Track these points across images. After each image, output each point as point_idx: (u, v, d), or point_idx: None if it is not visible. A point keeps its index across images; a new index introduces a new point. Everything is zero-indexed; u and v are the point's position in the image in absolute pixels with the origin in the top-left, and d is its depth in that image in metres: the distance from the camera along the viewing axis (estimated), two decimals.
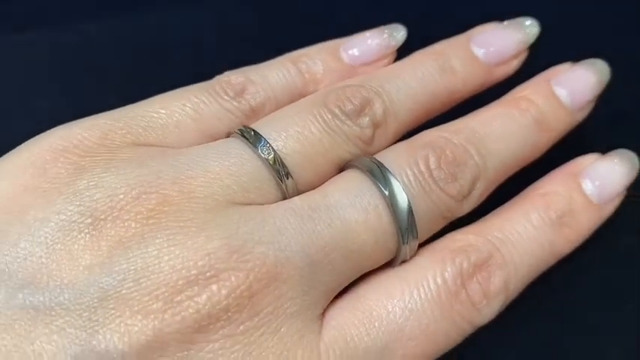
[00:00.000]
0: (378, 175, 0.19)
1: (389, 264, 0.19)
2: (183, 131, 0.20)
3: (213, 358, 0.16)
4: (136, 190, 0.17)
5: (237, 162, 0.19)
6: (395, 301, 0.18)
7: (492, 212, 0.21)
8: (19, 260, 0.16)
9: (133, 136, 0.19)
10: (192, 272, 0.16)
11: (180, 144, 0.20)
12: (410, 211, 0.19)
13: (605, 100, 0.23)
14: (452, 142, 0.20)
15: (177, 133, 0.20)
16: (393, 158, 0.19)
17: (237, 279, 0.16)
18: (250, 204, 0.18)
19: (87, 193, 0.17)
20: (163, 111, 0.20)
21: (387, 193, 0.18)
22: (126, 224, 0.17)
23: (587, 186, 0.21)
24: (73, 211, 0.17)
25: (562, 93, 0.22)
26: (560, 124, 0.22)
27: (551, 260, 0.21)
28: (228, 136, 0.20)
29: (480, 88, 0.23)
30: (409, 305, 0.18)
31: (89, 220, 0.17)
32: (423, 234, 0.19)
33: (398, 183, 0.19)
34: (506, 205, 0.21)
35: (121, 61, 0.28)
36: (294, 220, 0.18)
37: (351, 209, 0.18)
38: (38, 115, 0.26)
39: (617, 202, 0.22)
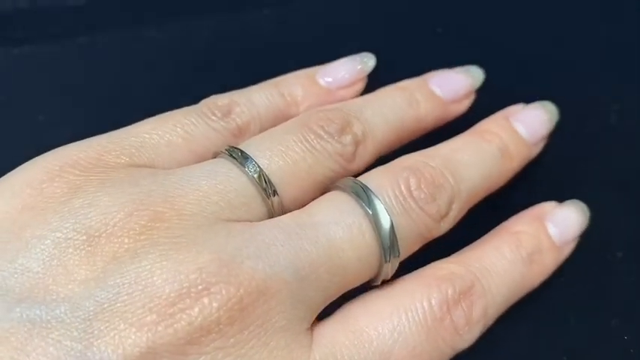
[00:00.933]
0: (362, 195, 0.19)
1: (371, 281, 0.20)
2: (174, 151, 0.21)
3: None
4: (128, 208, 0.18)
5: (224, 180, 0.19)
6: (385, 323, 0.19)
7: (468, 246, 0.22)
8: (16, 276, 0.17)
9: (127, 157, 0.20)
10: (185, 285, 0.16)
11: (171, 163, 0.20)
12: (392, 230, 0.19)
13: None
14: (429, 165, 0.21)
15: (169, 153, 0.20)
16: (375, 180, 0.20)
17: (227, 292, 0.17)
18: (238, 220, 0.19)
19: (82, 212, 0.17)
20: (155, 132, 0.21)
21: (370, 212, 0.19)
22: (119, 240, 0.17)
23: (551, 229, 0.23)
24: (69, 228, 0.17)
25: (520, 128, 0.24)
26: (520, 154, 0.24)
27: (522, 292, 0.22)
28: (215, 156, 0.21)
29: (441, 122, 0.25)
30: (398, 328, 0.19)
31: (84, 237, 0.17)
32: (404, 253, 0.20)
33: (380, 203, 0.19)
34: (481, 241, 0.22)
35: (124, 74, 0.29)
36: (282, 237, 0.18)
37: (336, 227, 0.19)
38: (38, 128, 0.26)
39: (572, 246, 0.23)
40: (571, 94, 0.27)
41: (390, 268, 0.20)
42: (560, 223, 0.23)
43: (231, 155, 0.20)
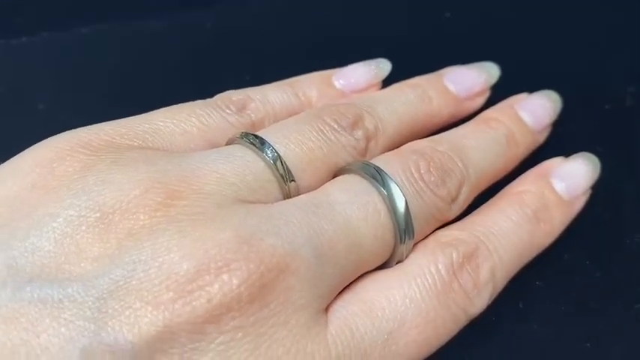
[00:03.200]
0: (376, 177, 0.19)
1: (385, 264, 0.19)
2: (188, 139, 0.20)
3: (224, 350, 0.15)
4: (144, 185, 0.17)
5: (242, 164, 0.18)
6: (395, 291, 0.18)
7: (472, 212, 0.21)
8: (26, 255, 0.15)
9: (140, 141, 0.19)
10: (204, 262, 0.15)
11: (186, 150, 0.19)
12: (407, 211, 0.19)
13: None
14: (438, 150, 0.20)
15: (184, 142, 0.20)
16: (386, 163, 0.20)
17: (248, 269, 0.16)
18: (255, 202, 0.18)
19: (95, 189, 0.16)
20: (169, 121, 0.20)
21: (385, 193, 0.18)
22: (134, 216, 0.16)
23: (557, 184, 0.22)
24: (82, 206, 0.16)
25: (525, 115, 0.24)
26: (526, 141, 0.23)
27: (532, 252, 0.21)
28: (230, 143, 0.20)
29: (453, 119, 0.24)
30: (409, 294, 0.18)
31: (97, 215, 0.16)
32: (418, 235, 0.19)
33: (395, 184, 0.19)
34: (485, 205, 0.22)
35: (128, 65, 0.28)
36: (299, 215, 0.17)
37: (351, 206, 0.18)
38: (39, 118, 0.25)
39: (584, 198, 0.22)
40: (577, 82, 0.26)
41: (404, 249, 0.19)
42: (567, 176, 0.22)
43: (248, 141, 0.19)
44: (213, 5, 0.29)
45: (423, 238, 0.20)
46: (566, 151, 0.23)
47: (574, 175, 0.22)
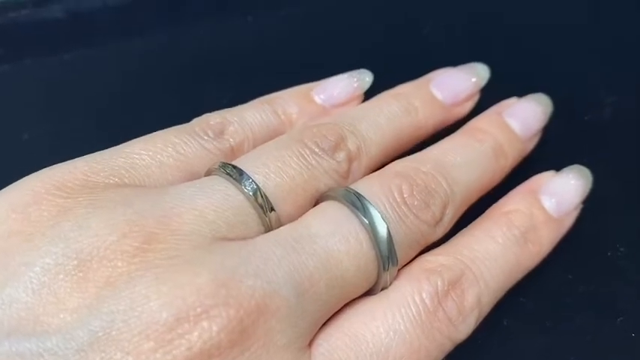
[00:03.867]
0: (357, 204, 0.18)
1: (370, 292, 0.19)
2: (165, 171, 0.19)
3: None
4: (121, 230, 0.16)
5: (220, 198, 0.18)
6: (379, 322, 0.18)
7: (459, 233, 0.21)
8: (3, 307, 0.15)
9: (117, 178, 0.18)
10: (182, 309, 0.15)
11: (163, 184, 0.19)
12: (390, 238, 0.18)
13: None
14: (421, 170, 0.20)
15: (160, 173, 0.19)
16: (368, 188, 0.19)
17: (227, 314, 0.15)
18: (235, 239, 0.17)
19: (71, 235, 0.16)
20: (145, 153, 0.19)
21: (366, 221, 0.18)
22: (112, 264, 0.16)
23: (546, 202, 0.21)
24: (58, 253, 0.16)
25: (514, 123, 0.23)
26: (514, 151, 0.22)
27: (519, 274, 0.21)
28: (209, 173, 0.19)
29: (441, 126, 0.23)
30: (393, 326, 0.18)
31: (75, 262, 0.16)
32: (402, 260, 0.19)
33: (376, 211, 0.18)
34: (472, 226, 0.21)
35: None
36: (279, 252, 0.17)
37: (333, 238, 0.18)
38: (23, 149, 0.25)
39: (574, 214, 0.22)
40: (565, 88, 0.25)
41: (388, 277, 0.19)
42: (557, 193, 0.21)
43: (226, 172, 0.19)
44: (194, 25, 0.29)
45: (408, 262, 0.20)
46: (549, 163, 0.22)
47: (565, 191, 0.22)
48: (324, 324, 0.18)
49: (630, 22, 0.29)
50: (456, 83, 0.23)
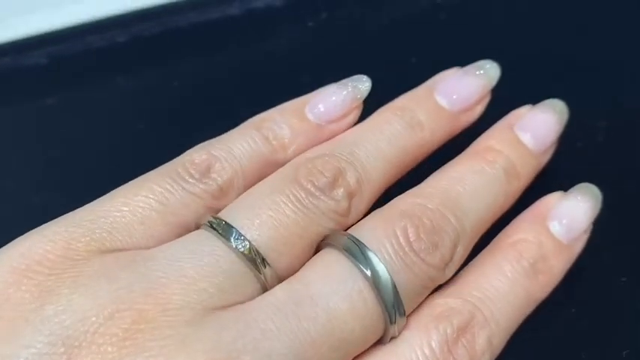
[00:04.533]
0: (358, 254, 0.17)
1: (378, 341, 0.18)
2: (149, 227, 0.18)
3: None
4: (108, 310, 0.15)
5: (211, 261, 0.17)
6: None
7: (465, 268, 0.20)
8: None
9: (98, 243, 0.17)
10: None
11: (148, 241, 0.18)
12: (395, 290, 0.17)
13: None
14: (428, 208, 0.18)
15: (144, 230, 0.18)
16: (370, 233, 0.18)
17: None
18: (230, 305, 0.16)
19: (56, 320, 0.15)
20: (126, 208, 0.18)
21: (369, 274, 0.17)
22: (102, 349, 0.15)
23: (555, 228, 0.20)
24: (43, 342, 0.15)
25: (526, 138, 0.21)
26: (528, 169, 0.21)
27: (530, 308, 0.19)
28: (197, 227, 0.18)
29: (448, 137, 0.21)
30: None
31: (62, 350, 0.15)
32: (409, 309, 0.18)
33: (380, 262, 0.17)
34: (479, 259, 0.20)
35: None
36: (278, 319, 0.16)
37: (335, 297, 0.16)
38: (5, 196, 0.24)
39: (585, 238, 0.20)
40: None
41: (396, 329, 0.17)
42: (566, 216, 0.20)
43: (214, 229, 0.17)
44: (179, 61, 0.28)
45: (418, 305, 0.18)
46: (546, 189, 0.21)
47: (574, 215, 0.20)
48: None
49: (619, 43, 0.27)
50: (464, 87, 0.21)
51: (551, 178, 0.22)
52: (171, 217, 0.18)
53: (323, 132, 0.21)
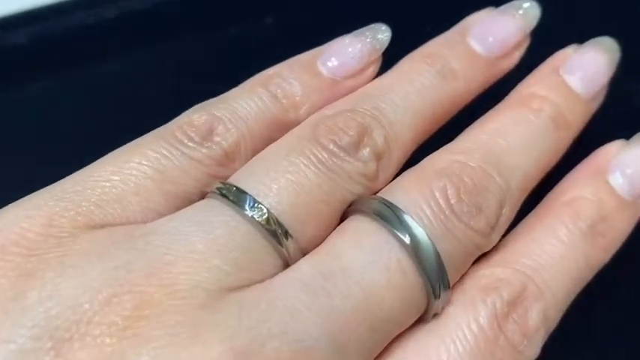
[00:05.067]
0: (393, 219, 0.15)
1: (420, 319, 0.15)
2: (144, 198, 0.15)
3: None
4: (103, 294, 0.12)
5: (223, 233, 0.14)
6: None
7: (513, 232, 0.17)
8: None
9: (85, 217, 0.14)
10: None
11: (145, 215, 0.15)
12: (438, 259, 0.15)
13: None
14: (468, 165, 0.16)
15: (138, 202, 0.15)
16: (404, 195, 0.15)
17: None
18: (248, 284, 0.14)
19: (40, 309, 0.12)
20: (116, 177, 0.15)
21: (407, 241, 0.14)
22: (98, 341, 0.12)
23: (617, 181, 0.17)
24: (26, 335, 0.12)
25: (574, 82, 0.18)
26: (577, 117, 0.18)
27: (589, 275, 0.17)
28: (203, 196, 0.15)
29: (484, 87, 0.19)
30: None
31: (49, 344, 0.12)
32: (452, 281, 0.15)
33: (418, 226, 0.15)
34: (527, 223, 0.17)
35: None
36: (307, 298, 0.13)
37: (370, 270, 0.14)
38: None
39: None
40: None
41: (440, 304, 0.15)
42: (630, 168, 0.17)
43: (225, 196, 0.15)
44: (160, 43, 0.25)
45: (460, 278, 0.16)
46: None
47: (638, 165, 0.17)
48: None
49: None
50: (500, 29, 0.19)
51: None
52: (169, 185, 0.15)
53: (339, 88, 0.18)
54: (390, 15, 0.19)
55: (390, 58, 0.19)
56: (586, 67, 0.19)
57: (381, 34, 0.19)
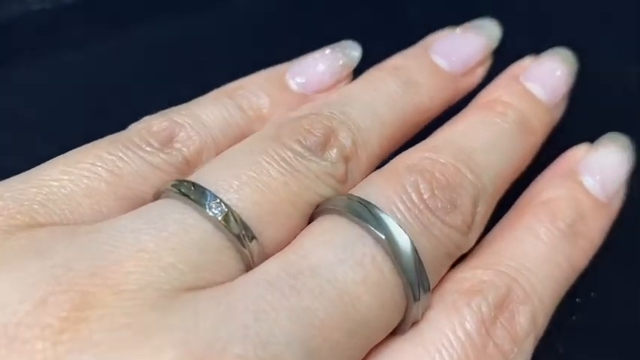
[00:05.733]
0: (367, 215, 0.13)
1: (397, 329, 0.14)
2: (97, 201, 0.14)
3: None
4: (38, 293, 0.11)
5: (178, 230, 0.13)
6: None
7: (490, 233, 0.16)
8: None
9: (26, 217, 0.13)
10: None
11: (96, 218, 0.14)
12: (416, 255, 0.13)
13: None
14: (439, 162, 0.15)
15: (89, 205, 0.14)
16: (376, 191, 0.14)
17: None
18: (206, 286, 0.12)
19: None
20: (66, 177, 0.14)
21: (383, 237, 0.13)
22: (29, 347, 0.10)
23: (589, 182, 0.17)
24: None
25: (536, 89, 0.18)
26: (543, 124, 0.18)
27: (572, 279, 0.16)
28: (158, 196, 0.14)
29: (448, 104, 0.18)
30: None
31: None
32: (432, 283, 0.14)
33: (393, 221, 0.13)
34: (504, 223, 0.17)
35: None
36: (273, 298, 0.12)
37: (342, 267, 0.13)
38: None
39: (622, 195, 0.17)
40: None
41: (420, 308, 0.14)
42: (600, 169, 0.17)
43: (181, 192, 0.13)
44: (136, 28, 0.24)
45: (438, 283, 0.15)
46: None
47: (607, 167, 0.17)
48: None
49: None
50: (463, 47, 0.19)
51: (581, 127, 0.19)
52: (124, 190, 0.14)
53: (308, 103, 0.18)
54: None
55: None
56: (546, 76, 0.18)
57: (352, 51, 0.18)
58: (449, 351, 0.13)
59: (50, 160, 0.14)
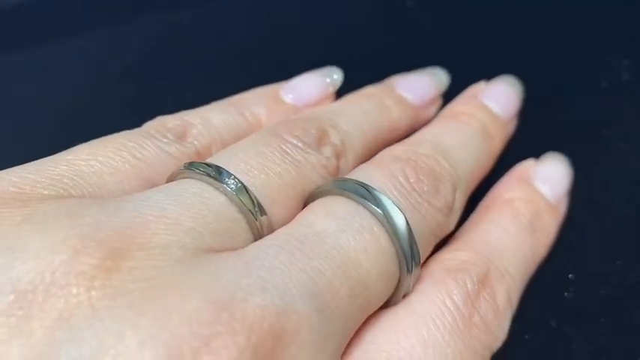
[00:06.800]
0: (364, 194, 0.15)
1: (389, 302, 0.15)
2: (120, 180, 0.15)
3: None
4: (71, 246, 0.12)
5: (197, 202, 0.14)
6: (414, 340, 0.14)
7: (463, 227, 0.18)
8: None
9: (58, 189, 0.14)
10: (173, 347, 0.11)
11: (120, 194, 0.15)
12: (408, 227, 0.15)
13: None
14: (421, 153, 0.17)
15: (115, 182, 0.15)
16: (369, 176, 0.16)
17: (235, 344, 0.11)
18: (223, 250, 0.13)
19: (2, 261, 0.11)
20: (93, 158, 0.15)
21: (380, 212, 0.14)
22: (65, 291, 0.11)
23: (542, 188, 0.19)
24: None
25: (492, 105, 0.20)
26: (500, 133, 0.20)
27: (534, 266, 0.18)
28: (173, 178, 0.15)
29: (411, 129, 0.20)
30: (430, 340, 0.14)
31: (11, 297, 0.11)
32: (422, 259, 0.15)
33: (389, 199, 0.15)
34: (474, 218, 0.18)
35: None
36: (285, 258, 0.13)
37: (344, 235, 0.14)
38: None
39: (566, 202, 0.20)
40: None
41: (412, 280, 0.15)
42: (548, 178, 0.19)
43: (201, 171, 0.14)
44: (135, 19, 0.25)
45: (423, 263, 0.16)
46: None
47: (555, 176, 0.19)
48: (346, 349, 0.14)
49: None
50: (421, 85, 0.21)
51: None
52: (146, 173, 0.15)
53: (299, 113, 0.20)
54: None
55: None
56: (500, 96, 0.21)
57: (337, 75, 0.21)
58: (441, 319, 0.14)
59: (75, 147, 0.15)
